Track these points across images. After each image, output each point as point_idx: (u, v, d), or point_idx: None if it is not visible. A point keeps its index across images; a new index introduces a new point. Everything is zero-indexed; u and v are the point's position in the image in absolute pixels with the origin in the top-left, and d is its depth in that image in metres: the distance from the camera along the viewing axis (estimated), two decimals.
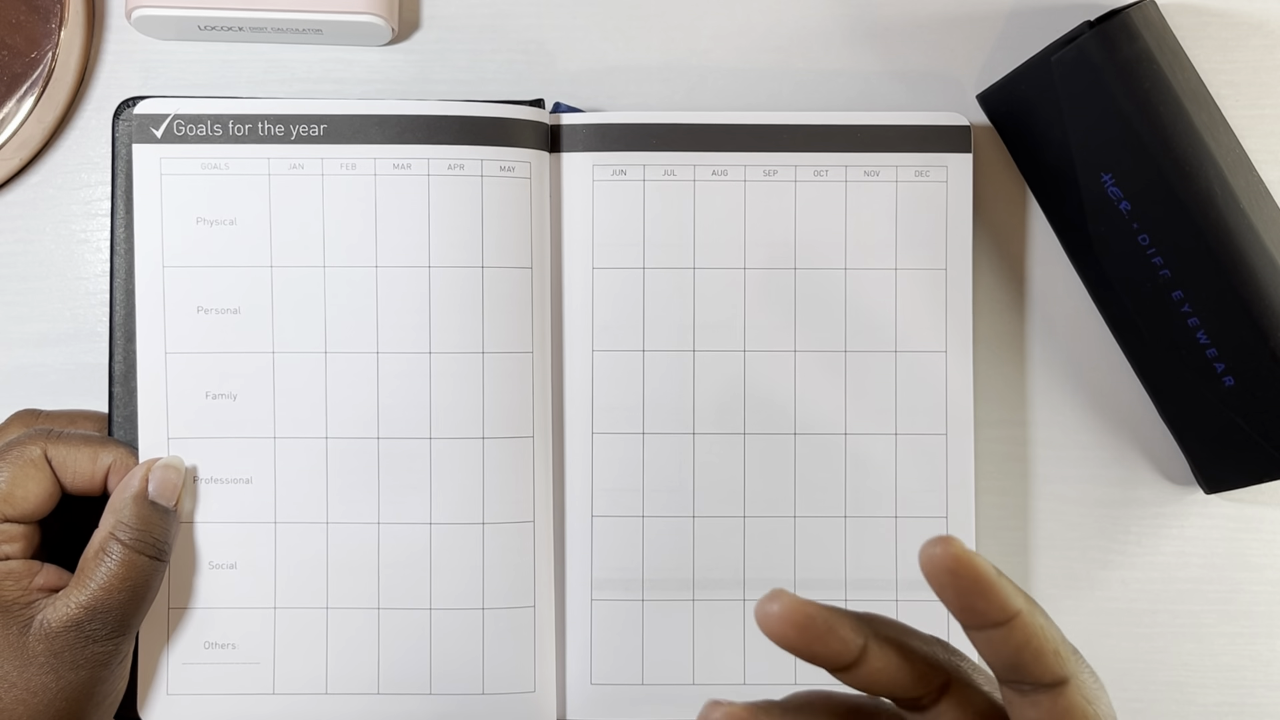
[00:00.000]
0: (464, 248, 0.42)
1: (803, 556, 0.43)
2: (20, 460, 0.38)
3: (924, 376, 0.43)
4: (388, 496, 0.42)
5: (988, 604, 0.27)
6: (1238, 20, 0.45)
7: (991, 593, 0.27)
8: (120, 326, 0.42)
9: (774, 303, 0.43)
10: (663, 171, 0.43)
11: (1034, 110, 0.42)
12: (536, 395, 0.43)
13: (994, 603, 0.27)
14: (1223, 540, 0.45)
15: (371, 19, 0.43)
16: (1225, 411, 0.42)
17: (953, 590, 0.27)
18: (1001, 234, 0.46)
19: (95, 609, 0.37)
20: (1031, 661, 0.28)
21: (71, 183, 0.45)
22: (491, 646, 0.42)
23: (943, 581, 0.27)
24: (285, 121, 0.42)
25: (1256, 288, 0.40)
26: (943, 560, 0.27)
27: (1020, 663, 0.28)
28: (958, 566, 0.27)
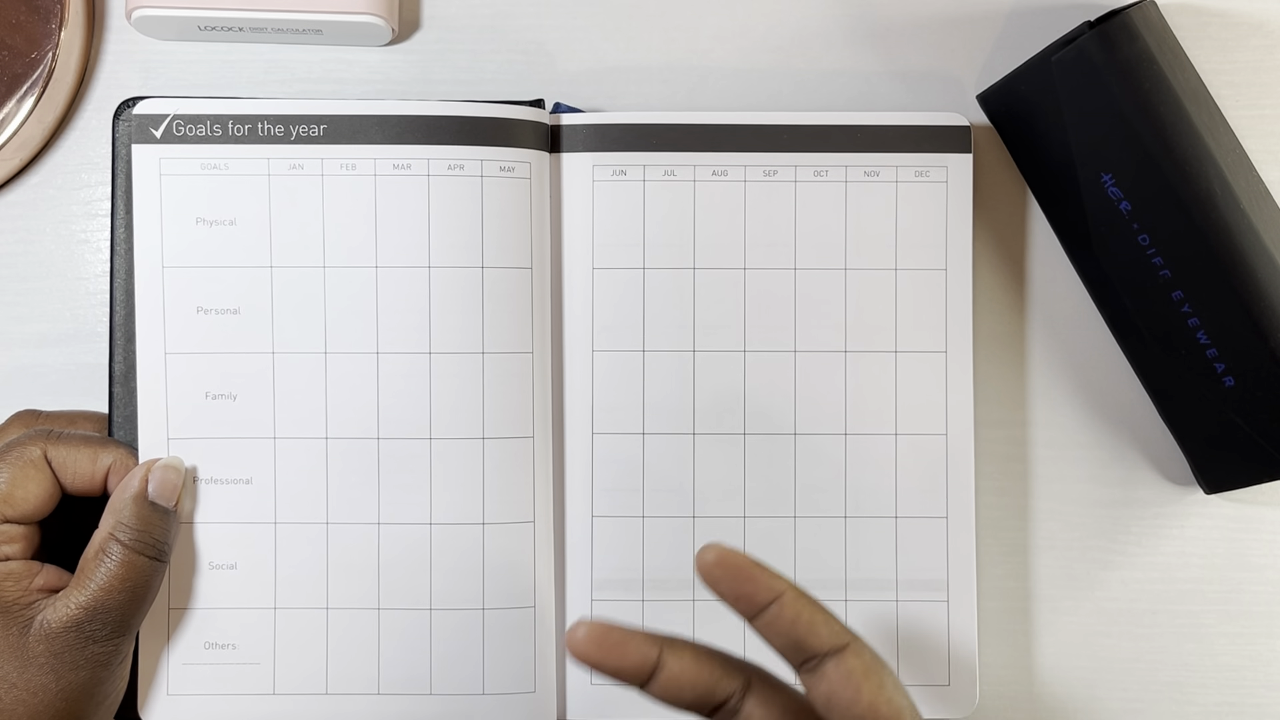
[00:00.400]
0: (464, 248, 0.42)
1: (803, 556, 0.43)
2: (20, 461, 0.38)
3: (924, 376, 0.43)
4: (388, 496, 0.42)
5: (754, 585, 0.33)
6: (1238, 20, 0.45)
7: (756, 575, 0.33)
8: (120, 327, 0.42)
9: (774, 303, 0.43)
10: (663, 172, 0.43)
11: (1034, 110, 0.42)
12: (536, 395, 0.43)
13: (760, 583, 0.33)
14: (1223, 540, 0.45)
15: (371, 19, 0.43)
16: (1225, 411, 0.42)
17: (725, 581, 0.33)
18: (1001, 234, 0.46)
19: (95, 609, 0.37)
20: (807, 633, 0.33)
21: (71, 183, 0.45)
22: (491, 646, 0.42)
23: (715, 575, 0.33)
24: (285, 122, 0.42)
25: (1256, 288, 0.40)
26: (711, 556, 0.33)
27: (798, 636, 0.33)
28: (722, 558, 0.33)
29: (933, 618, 0.43)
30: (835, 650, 0.33)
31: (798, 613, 0.33)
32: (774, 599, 0.33)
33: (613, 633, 0.32)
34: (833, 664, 0.32)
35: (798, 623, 0.33)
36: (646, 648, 0.33)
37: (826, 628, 0.33)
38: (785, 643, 0.33)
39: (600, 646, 0.32)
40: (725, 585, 0.33)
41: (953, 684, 0.43)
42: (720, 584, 0.33)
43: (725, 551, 0.33)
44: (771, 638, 0.33)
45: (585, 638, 0.32)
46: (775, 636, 0.33)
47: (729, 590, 0.33)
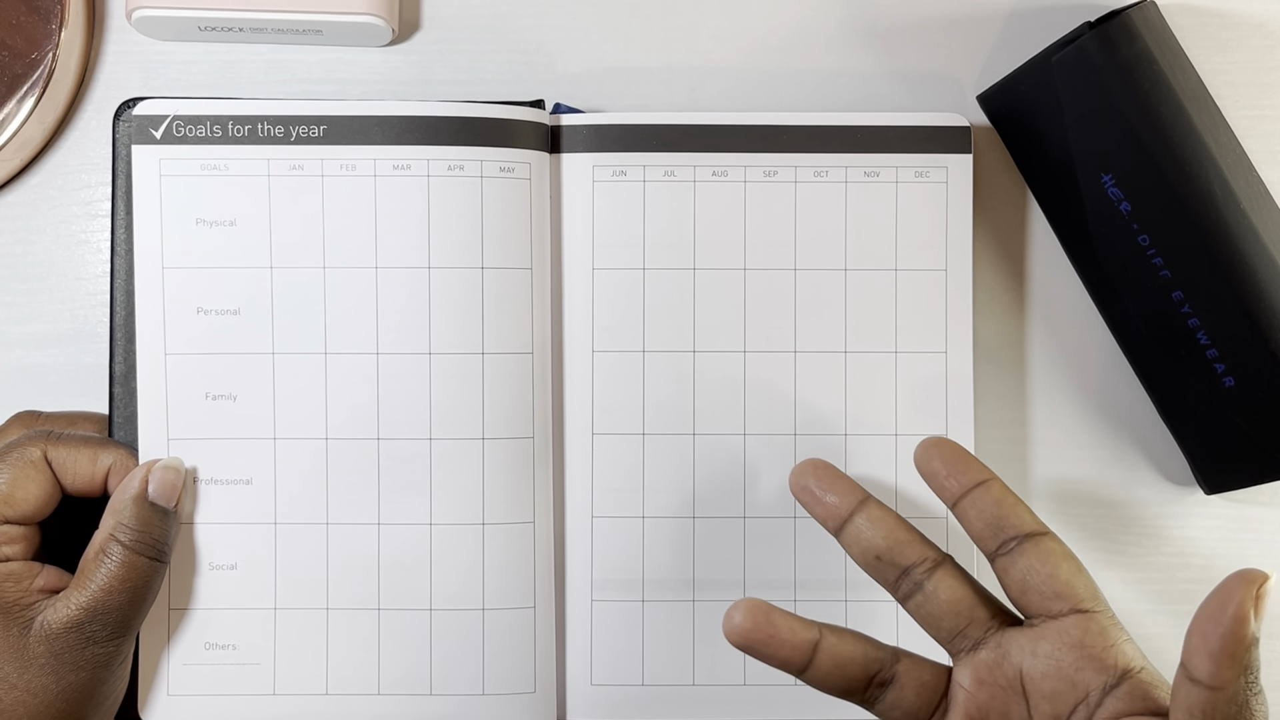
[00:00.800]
0: (464, 248, 0.42)
1: (803, 557, 0.43)
2: (20, 462, 0.38)
3: (924, 376, 0.43)
4: (388, 497, 0.42)
5: (967, 466, 0.35)
6: (1238, 20, 0.45)
7: (969, 458, 0.36)
8: (120, 327, 0.42)
9: (774, 303, 0.43)
10: (663, 172, 0.43)
11: (1034, 111, 0.42)
12: (536, 396, 0.43)
13: (972, 466, 0.36)
14: (1223, 540, 0.45)
15: (372, 20, 0.43)
16: (1225, 411, 0.42)
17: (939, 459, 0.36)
18: (1001, 234, 0.46)
19: (95, 610, 0.37)
20: (1010, 514, 0.35)
21: (72, 183, 0.45)
22: (491, 647, 0.42)
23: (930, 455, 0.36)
24: (285, 122, 0.42)
25: (1256, 288, 0.40)
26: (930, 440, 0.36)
27: (1000, 515, 0.35)
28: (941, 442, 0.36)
29: None
30: (1035, 533, 0.34)
31: (1003, 495, 0.35)
32: (982, 481, 0.35)
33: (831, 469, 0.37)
34: (1030, 545, 0.34)
35: (1003, 503, 0.35)
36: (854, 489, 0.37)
37: (1029, 514, 0.35)
38: (987, 522, 0.35)
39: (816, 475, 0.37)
40: (940, 463, 0.36)
41: None
42: (934, 462, 0.36)
43: (942, 439, 0.36)
44: (974, 518, 0.35)
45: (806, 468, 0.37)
46: (977, 516, 0.35)
47: (943, 467, 0.36)
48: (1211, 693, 0.29)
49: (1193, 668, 0.29)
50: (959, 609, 0.35)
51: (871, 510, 0.36)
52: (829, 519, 0.37)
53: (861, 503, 0.36)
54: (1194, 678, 0.29)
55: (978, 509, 0.35)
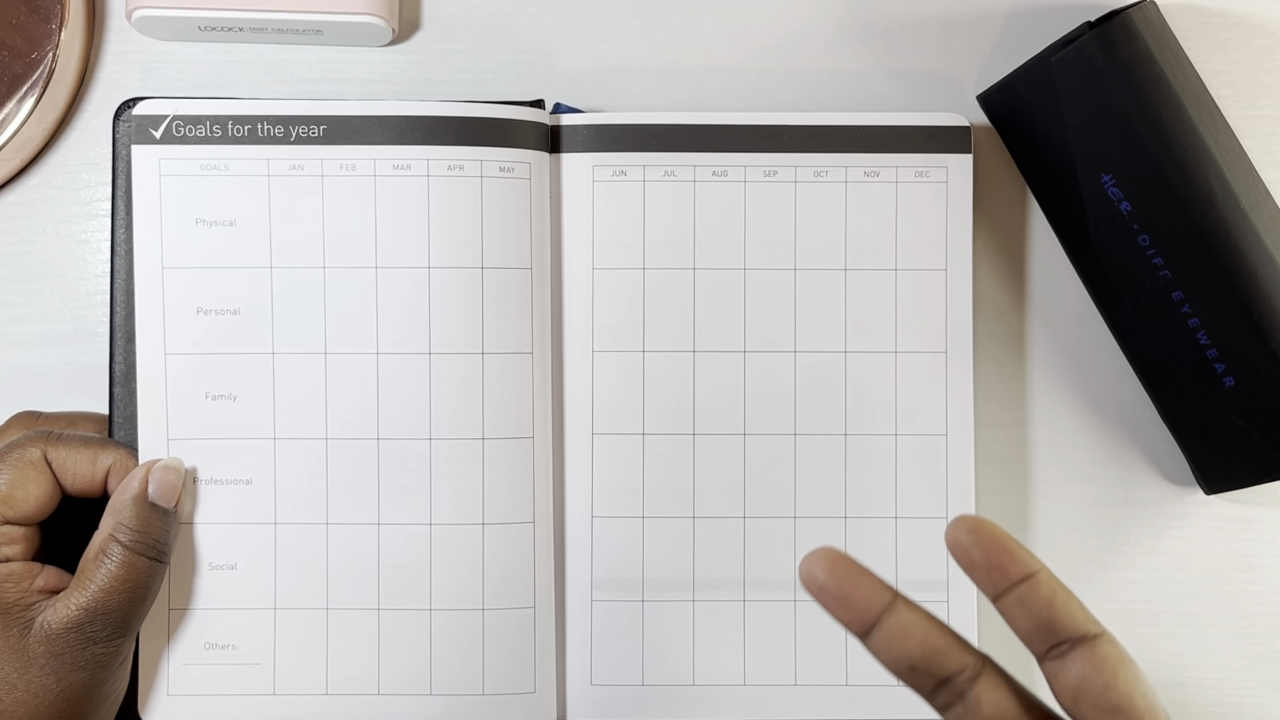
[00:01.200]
0: (464, 248, 0.42)
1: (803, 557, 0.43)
2: (20, 462, 0.38)
3: (924, 376, 0.43)
4: (388, 497, 0.42)
5: (1011, 558, 0.31)
6: (1238, 20, 0.45)
7: (1013, 548, 0.31)
8: (120, 327, 0.42)
9: (774, 303, 0.43)
10: (663, 172, 0.43)
11: (1034, 110, 0.42)
12: (536, 396, 0.43)
13: (1018, 556, 0.31)
14: (1223, 540, 0.45)
15: (372, 19, 0.43)
16: (1225, 411, 0.42)
17: (978, 549, 0.31)
18: (1001, 234, 0.46)
19: (96, 610, 0.38)
20: (1063, 614, 0.30)
21: (72, 183, 0.45)
22: (491, 647, 0.42)
23: (967, 544, 0.31)
24: (285, 122, 0.42)
25: (1256, 288, 0.40)
26: (965, 524, 0.31)
27: (1052, 617, 0.30)
28: (977, 526, 0.31)
29: None
30: (1088, 636, 0.31)
31: (1054, 591, 0.31)
32: (1029, 575, 0.31)
33: (847, 562, 0.31)
34: (1085, 650, 0.31)
35: (1053, 602, 0.31)
36: (880, 587, 0.31)
37: (1082, 612, 0.31)
38: (1035, 623, 0.31)
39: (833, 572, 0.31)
40: (979, 553, 0.31)
41: None
42: (972, 552, 0.31)
43: (979, 520, 0.31)
44: (1020, 617, 0.31)
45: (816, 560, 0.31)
46: (1024, 616, 0.31)
47: (983, 559, 0.31)
48: None
49: None
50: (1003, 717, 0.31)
51: (902, 614, 0.31)
52: (852, 622, 0.31)
53: (889, 605, 0.31)
54: None
55: (1025, 607, 0.31)
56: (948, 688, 0.31)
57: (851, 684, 0.43)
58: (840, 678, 0.43)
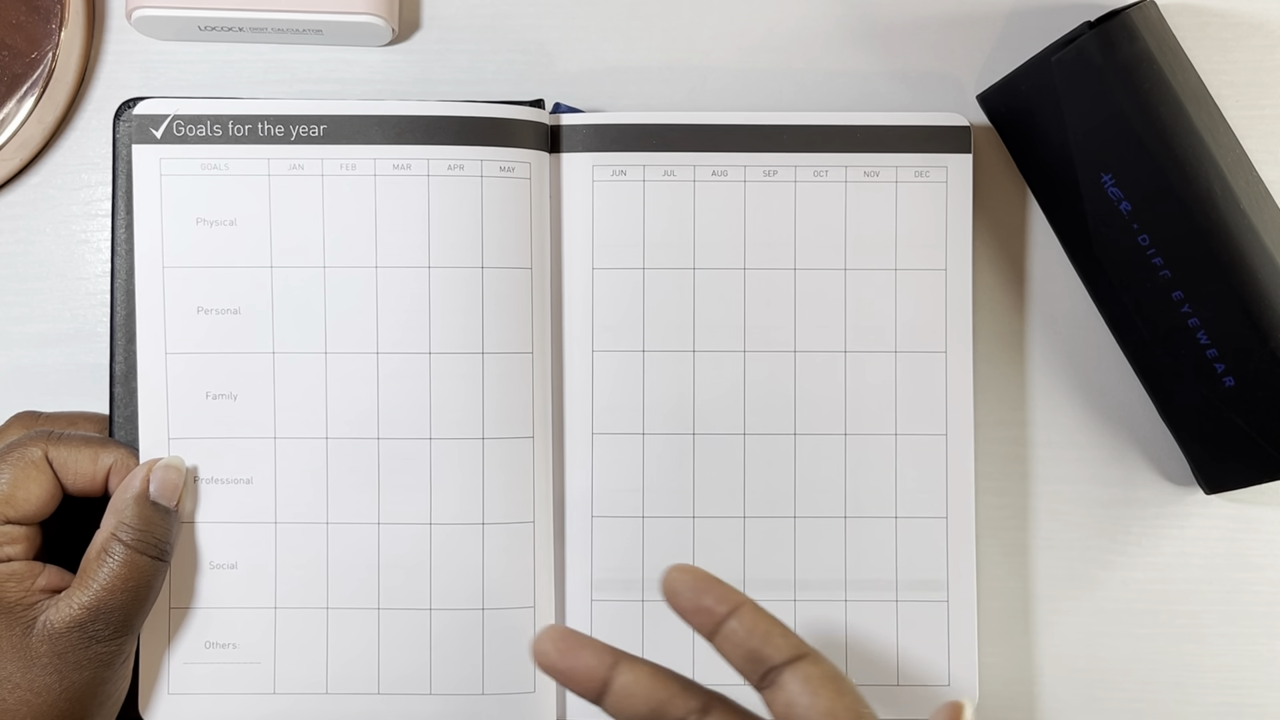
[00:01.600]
0: (464, 248, 0.42)
1: (803, 556, 0.43)
2: (21, 462, 0.38)
3: (924, 376, 0.43)
4: (388, 497, 0.42)
5: (714, 596, 0.33)
6: (1238, 20, 0.45)
7: (713, 586, 0.33)
8: (120, 327, 0.42)
9: (774, 303, 0.43)
10: (663, 172, 0.43)
11: (1034, 110, 0.42)
12: (536, 395, 0.43)
13: (718, 592, 0.33)
14: (1223, 540, 0.45)
15: (372, 19, 0.43)
16: (1225, 411, 0.42)
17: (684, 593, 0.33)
18: (1001, 234, 0.46)
19: (98, 610, 0.38)
20: (763, 643, 0.33)
21: (72, 183, 0.45)
22: (491, 647, 0.42)
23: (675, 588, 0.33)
24: (285, 122, 0.42)
25: (1256, 288, 0.40)
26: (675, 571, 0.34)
27: (754, 646, 0.33)
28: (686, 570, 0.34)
29: (933, 618, 0.43)
30: (792, 659, 0.33)
31: (755, 623, 0.33)
32: (732, 610, 0.33)
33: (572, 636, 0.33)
34: (789, 673, 0.32)
35: (754, 633, 0.33)
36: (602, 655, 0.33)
37: (783, 639, 0.33)
38: (743, 655, 0.33)
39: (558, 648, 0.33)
40: (684, 598, 0.33)
41: (953, 684, 0.43)
42: (679, 597, 0.34)
43: (688, 567, 0.34)
44: (730, 651, 0.33)
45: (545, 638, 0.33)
46: (733, 649, 0.33)
47: (688, 603, 0.33)
48: None
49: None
50: None
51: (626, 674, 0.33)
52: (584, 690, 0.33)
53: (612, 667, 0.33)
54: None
55: (732, 642, 0.33)
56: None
57: None
58: None
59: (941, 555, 0.43)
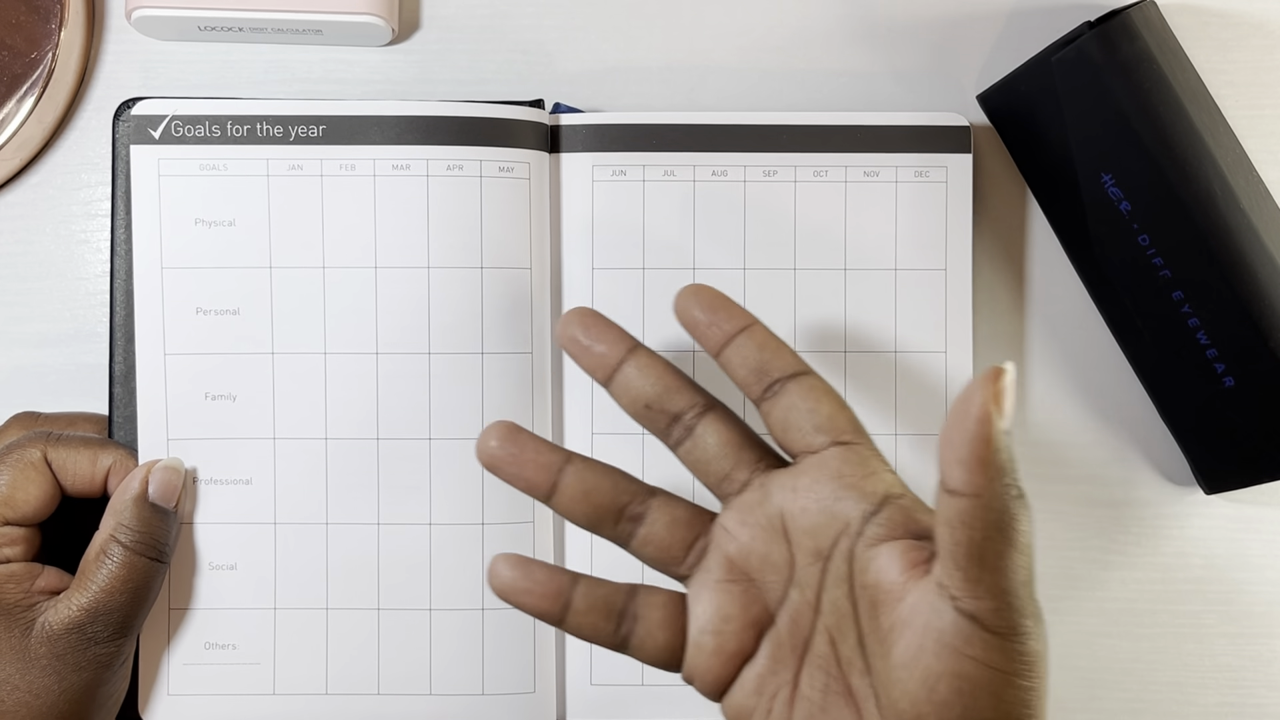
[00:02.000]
0: (463, 248, 0.42)
1: None
2: (20, 463, 0.38)
3: (924, 376, 0.43)
4: (387, 497, 0.42)
5: (728, 312, 0.34)
6: (1238, 20, 0.45)
7: (729, 304, 0.34)
8: (120, 327, 0.42)
9: (774, 303, 0.43)
10: (663, 172, 0.43)
11: (1034, 110, 0.42)
12: (536, 395, 0.43)
13: (734, 311, 0.34)
14: (1223, 540, 0.45)
15: (371, 19, 0.43)
16: (1225, 411, 0.42)
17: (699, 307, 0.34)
18: (1001, 234, 0.46)
19: (97, 611, 0.38)
20: (774, 356, 0.34)
21: (71, 183, 0.45)
22: (491, 647, 0.42)
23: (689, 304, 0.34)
24: (284, 122, 0.42)
25: (1256, 288, 0.40)
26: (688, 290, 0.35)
27: (764, 360, 0.34)
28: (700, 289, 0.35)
29: None
30: (797, 373, 0.34)
31: (765, 339, 0.34)
32: (743, 328, 0.34)
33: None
34: (794, 383, 0.33)
35: (765, 347, 0.34)
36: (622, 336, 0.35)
37: (792, 356, 0.34)
38: (750, 368, 0.34)
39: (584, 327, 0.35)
40: (700, 310, 0.34)
41: None
42: (694, 310, 0.34)
43: (700, 285, 0.35)
44: (736, 365, 0.34)
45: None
46: (741, 363, 0.34)
47: (704, 316, 0.34)
48: (970, 501, 0.28)
49: (948, 479, 0.28)
50: (726, 452, 0.34)
51: (640, 357, 0.35)
52: (597, 369, 0.35)
53: (631, 350, 0.35)
54: (950, 489, 0.28)
55: (741, 355, 0.34)
56: (679, 424, 0.35)
57: None
58: None
59: None
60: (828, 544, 0.33)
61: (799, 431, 0.33)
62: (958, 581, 0.29)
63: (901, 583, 0.31)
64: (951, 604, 0.29)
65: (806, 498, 0.33)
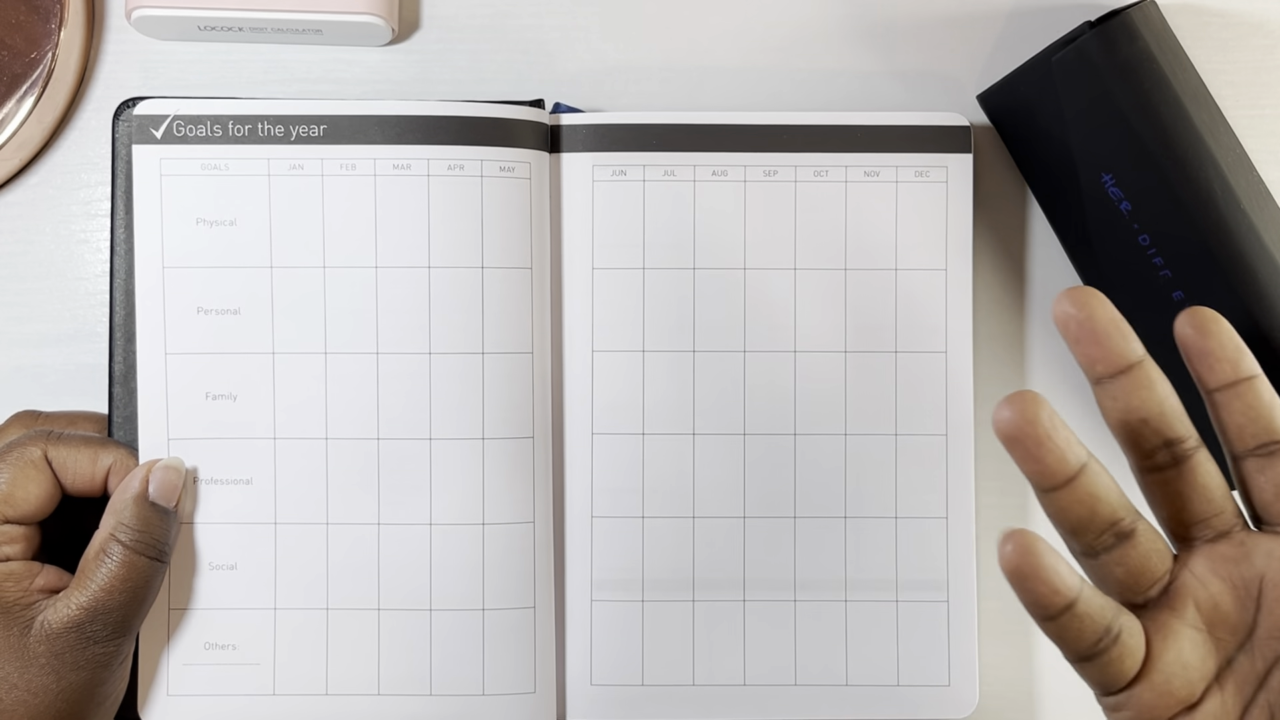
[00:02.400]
0: (464, 248, 0.42)
1: (803, 556, 0.43)
2: (21, 461, 0.38)
3: (924, 376, 0.43)
4: (388, 497, 0.42)
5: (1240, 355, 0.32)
6: (1238, 20, 0.45)
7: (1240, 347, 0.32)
8: (120, 327, 0.42)
9: (774, 303, 0.43)
10: (663, 171, 0.43)
11: (1034, 110, 0.42)
12: (536, 396, 0.43)
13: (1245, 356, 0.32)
14: None
15: (371, 19, 0.43)
16: None
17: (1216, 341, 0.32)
18: (1001, 234, 0.46)
19: (96, 610, 0.38)
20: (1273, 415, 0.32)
21: (71, 183, 0.45)
22: (491, 647, 0.42)
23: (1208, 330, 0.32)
24: (285, 122, 0.42)
25: (1256, 288, 0.40)
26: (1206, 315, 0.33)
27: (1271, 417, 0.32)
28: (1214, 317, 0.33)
29: (933, 618, 0.43)
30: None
31: (1274, 397, 0.32)
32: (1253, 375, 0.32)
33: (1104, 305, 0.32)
34: None
35: (1275, 405, 0.32)
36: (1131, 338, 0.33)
37: None
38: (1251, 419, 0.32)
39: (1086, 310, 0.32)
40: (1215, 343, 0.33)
41: (953, 684, 0.43)
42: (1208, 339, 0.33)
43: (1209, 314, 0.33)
44: (1238, 410, 0.32)
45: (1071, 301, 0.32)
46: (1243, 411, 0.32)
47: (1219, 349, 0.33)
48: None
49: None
50: (1212, 495, 0.33)
51: (1150, 370, 0.32)
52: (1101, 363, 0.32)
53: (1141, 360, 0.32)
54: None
55: (1245, 403, 0.32)
56: (1169, 450, 0.33)
57: (851, 684, 0.43)
58: (840, 678, 0.43)
59: (942, 555, 0.43)
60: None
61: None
62: None
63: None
64: None
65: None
